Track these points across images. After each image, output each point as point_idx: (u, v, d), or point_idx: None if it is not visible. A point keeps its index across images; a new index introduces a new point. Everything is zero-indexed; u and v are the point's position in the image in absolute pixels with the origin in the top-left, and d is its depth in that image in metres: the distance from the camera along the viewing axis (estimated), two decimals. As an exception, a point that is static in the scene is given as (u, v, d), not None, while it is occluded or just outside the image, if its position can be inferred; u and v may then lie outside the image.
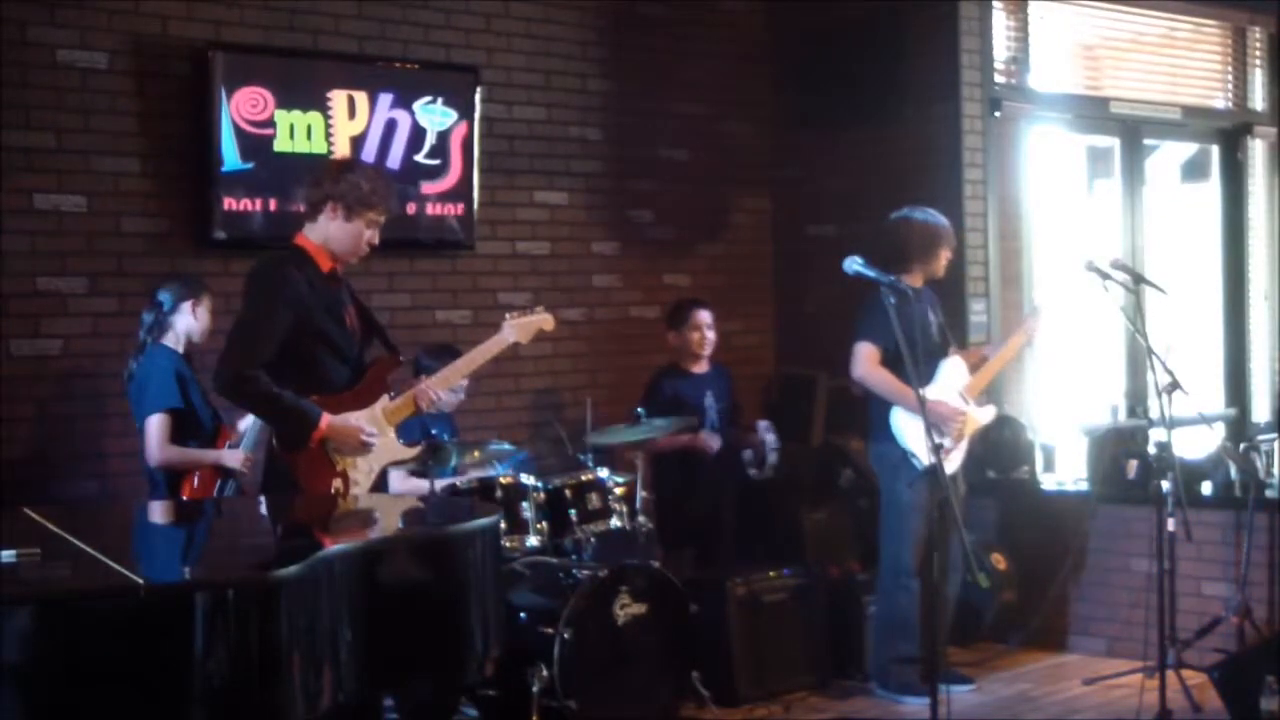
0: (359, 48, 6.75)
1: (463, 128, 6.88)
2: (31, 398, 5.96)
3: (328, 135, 6.48)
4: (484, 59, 7.13)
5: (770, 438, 6.88)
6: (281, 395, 4.69)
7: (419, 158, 6.75)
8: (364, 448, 4.86)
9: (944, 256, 6.40)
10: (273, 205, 6.33)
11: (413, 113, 6.73)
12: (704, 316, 6.93)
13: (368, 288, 6.58)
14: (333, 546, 3.62)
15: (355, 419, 4.85)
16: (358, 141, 6.56)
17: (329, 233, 4.86)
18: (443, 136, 6.81)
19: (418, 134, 6.75)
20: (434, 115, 6.79)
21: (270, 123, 6.32)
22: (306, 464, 4.78)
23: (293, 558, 3.44)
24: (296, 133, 6.40)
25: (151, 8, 6.21)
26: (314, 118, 6.44)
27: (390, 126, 6.67)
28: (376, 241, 4.96)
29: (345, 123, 6.53)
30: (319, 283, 4.82)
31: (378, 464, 4.96)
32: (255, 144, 6.29)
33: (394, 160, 6.66)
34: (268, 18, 6.50)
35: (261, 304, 4.75)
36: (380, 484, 5.05)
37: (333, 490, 4.82)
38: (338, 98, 6.51)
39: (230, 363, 4.71)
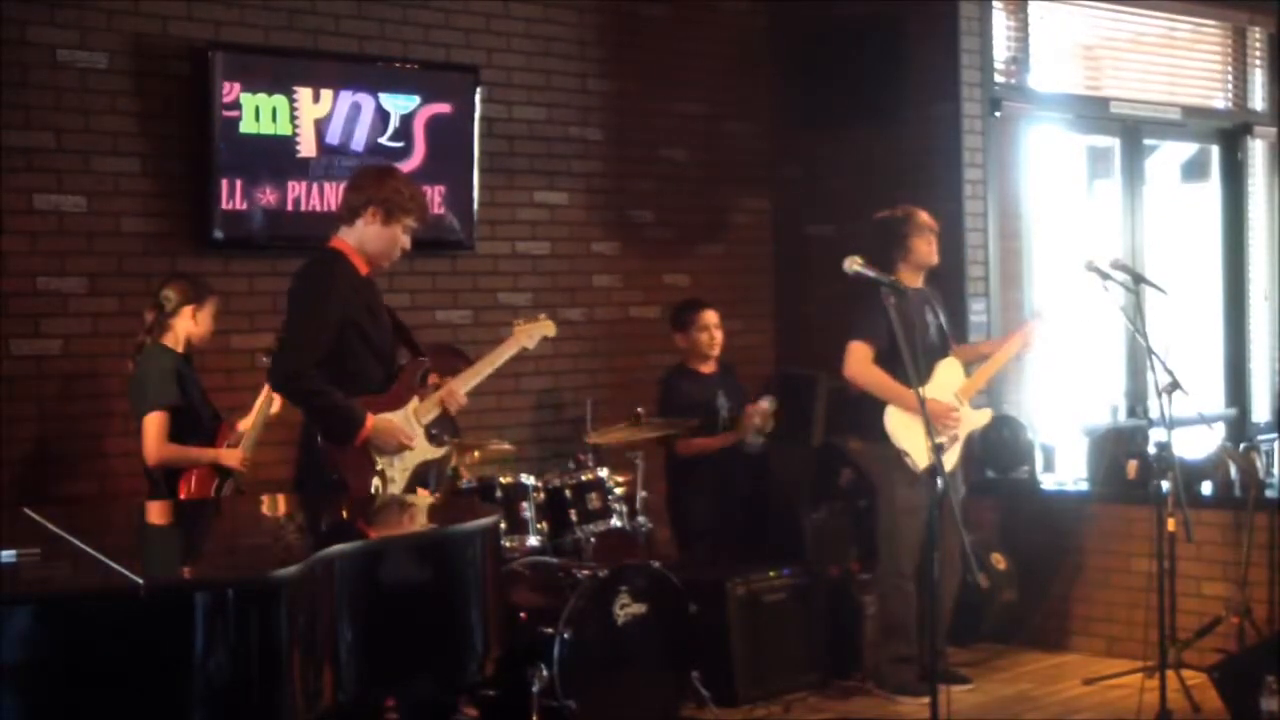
0: (359, 47, 6.75)
1: (426, 111, 6.82)
2: (31, 398, 5.96)
3: (292, 118, 6.45)
4: (484, 59, 7.13)
5: (766, 404, 6.80)
6: (332, 394, 4.86)
7: (383, 140, 6.72)
8: (403, 448, 5.02)
9: (919, 244, 6.34)
10: (239, 186, 6.30)
11: (376, 96, 6.70)
12: (710, 317, 6.93)
13: (368, 288, 6.60)
14: (332, 546, 3.61)
15: (395, 419, 5.00)
16: (322, 124, 6.53)
17: (366, 236, 5.02)
18: (406, 120, 6.79)
19: (381, 117, 6.72)
20: (397, 99, 6.77)
21: (236, 105, 6.29)
22: (350, 462, 4.93)
23: (293, 557, 3.44)
24: (262, 115, 6.37)
25: (151, 8, 6.21)
26: (279, 101, 6.41)
27: (354, 109, 6.65)
28: (409, 247, 5.13)
29: (310, 106, 6.49)
30: (359, 284, 5.00)
31: (412, 464, 5.08)
32: (222, 126, 6.26)
33: (358, 143, 6.63)
34: (268, 18, 6.50)
35: (313, 304, 4.92)
36: (411, 484, 5.15)
37: (373, 489, 4.94)
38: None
39: (288, 362, 4.91)
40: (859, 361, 6.18)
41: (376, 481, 4.97)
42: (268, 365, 5.41)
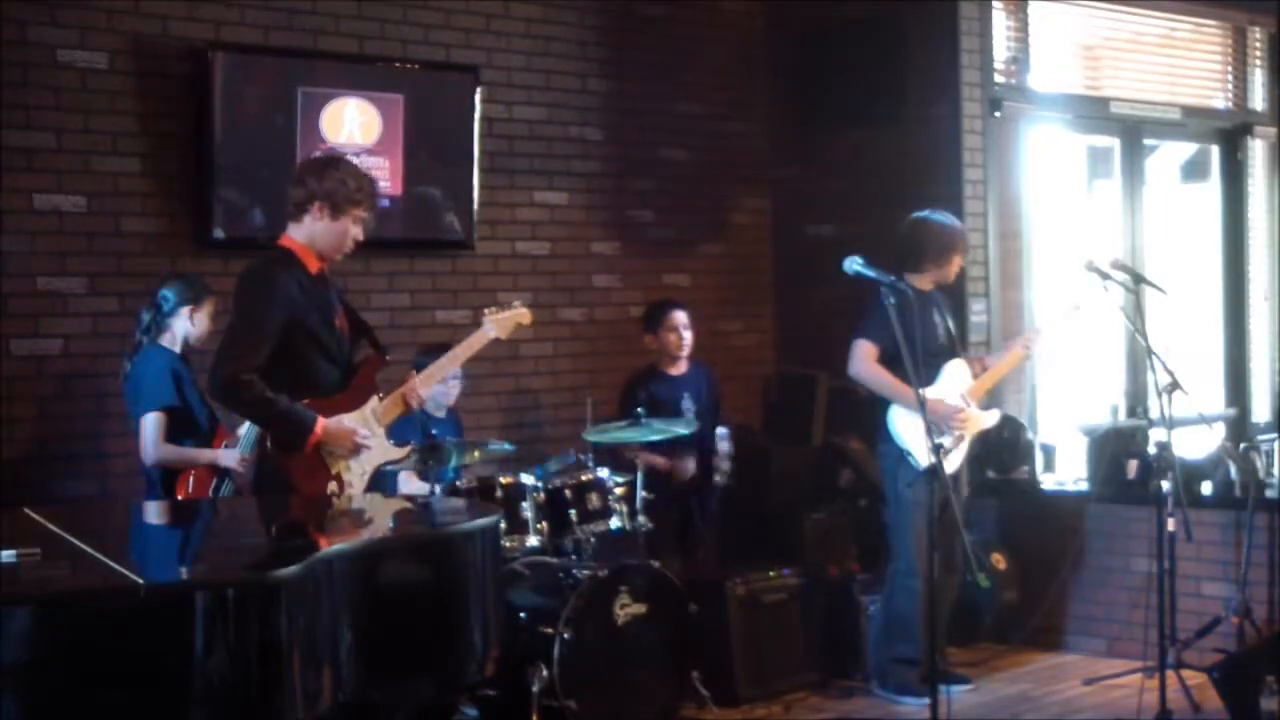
0: (359, 47, 6.75)
1: (426, 111, 6.79)
2: (31, 398, 5.96)
3: (292, 118, 6.41)
4: (484, 59, 7.13)
5: (724, 446, 6.83)
6: (276, 400, 4.68)
7: (382, 140, 6.66)
8: (358, 450, 4.86)
9: (957, 262, 6.40)
10: (239, 186, 6.30)
11: (376, 96, 6.66)
12: (680, 317, 6.88)
13: (368, 288, 6.61)
14: (332, 546, 3.61)
15: (349, 421, 4.85)
16: (321, 124, 6.50)
17: (315, 232, 4.85)
18: (406, 120, 6.74)
19: (381, 117, 6.67)
20: (397, 99, 6.72)
21: (235, 104, 6.27)
22: (301, 467, 4.77)
23: (292, 557, 3.44)
24: (261, 115, 6.35)
25: (151, 8, 6.21)
26: (278, 101, 6.38)
27: (354, 109, 6.60)
28: (362, 238, 4.94)
29: (309, 106, 6.46)
30: (308, 284, 4.82)
31: (370, 465, 4.95)
32: (222, 126, 6.24)
33: (357, 143, 6.57)
34: (268, 18, 6.50)
35: (254, 308, 4.75)
36: (374, 485, 5.06)
37: (328, 493, 4.81)
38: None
39: (225, 368, 4.69)
40: (862, 360, 6.18)
41: (333, 485, 4.82)
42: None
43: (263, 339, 4.68)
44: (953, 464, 6.24)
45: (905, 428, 6.11)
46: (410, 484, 5.98)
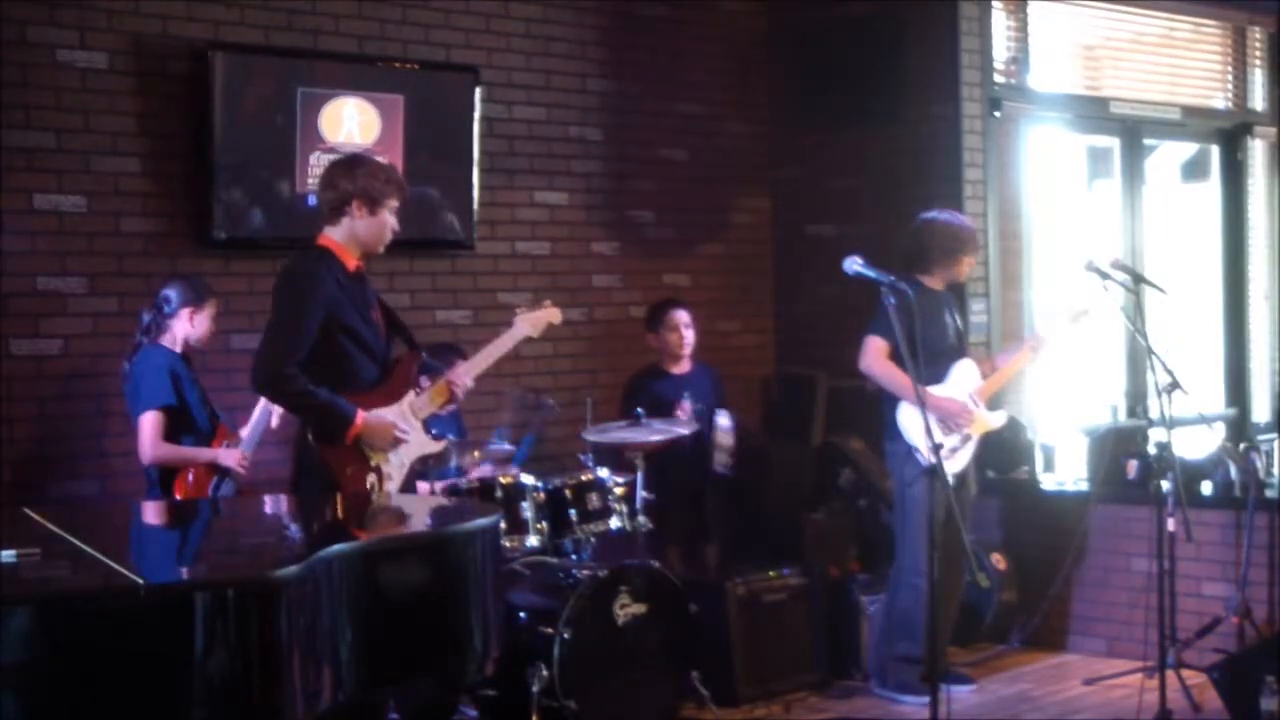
0: (359, 48, 6.75)
1: (426, 111, 6.78)
2: (31, 398, 5.96)
3: (292, 118, 6.41)
4: (484, 59, 7.13)
5: (725, 424, 6.70)
6: (316, 393, 4.80)
7: (382, 140, 6.65)
8: (397, 443, 4.98)
9: (966, 262, 6.39)
10: (239, 186, 6.30)
11: (376, 96, 6.66)
12: (681, 316, 6.90)
13: (368, 288, 6.60)
14: (332, 546, 3.61)
15: (389, 415, 4.96)
16: (321, 124, 6.49)
17: (356, 229, 4.98)
18: (406, 120, 6.73)
19: (381, 117, 6.66)
20: (397, 99, 6.71)
21: (235, 105, 6.26)
22: (342, 460, 4.88)
23: (293, 557, 3.43)
24: (261, 115, 6.33)
25: (151, 8, 6.22)
26: (279, 101, 6.36)
27: (354, 109, 6.59)
28: (399, 227, 5.08)
29: (309, 106, 6.45)
30: (346, 281, 4.94)
31: (409, 458, 5.06)
32: (222, 126, 6.23)
33: (358, 143, 6.55)
34: (268, 18, 6.50)
35: (294, 303, 4.86)
36: (409, 480, 5.14)
37: (368, 486, 4.91)
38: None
39: (267, 362, 4.82)
40: (873, 355, 6.18)
41: (372, 478, 4.93)
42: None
43: (304, 334, 4.81)
44: (960, 463, 6.24)
45: (913, 425, 6.10)
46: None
